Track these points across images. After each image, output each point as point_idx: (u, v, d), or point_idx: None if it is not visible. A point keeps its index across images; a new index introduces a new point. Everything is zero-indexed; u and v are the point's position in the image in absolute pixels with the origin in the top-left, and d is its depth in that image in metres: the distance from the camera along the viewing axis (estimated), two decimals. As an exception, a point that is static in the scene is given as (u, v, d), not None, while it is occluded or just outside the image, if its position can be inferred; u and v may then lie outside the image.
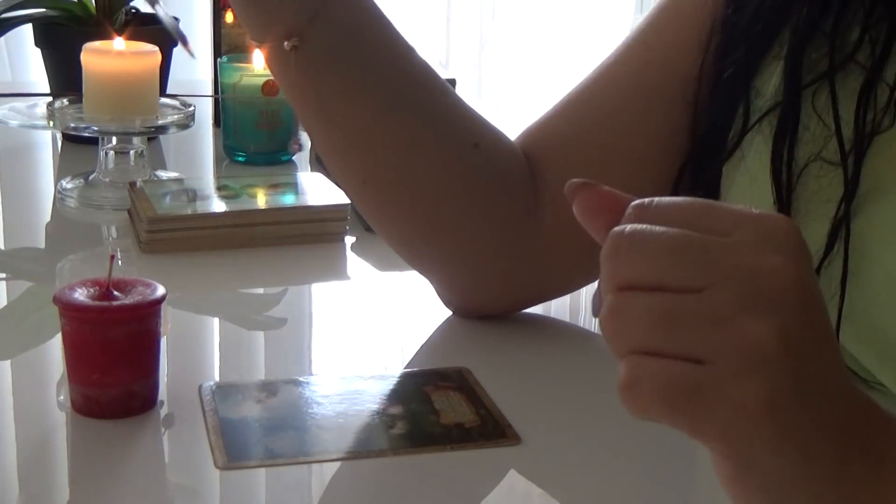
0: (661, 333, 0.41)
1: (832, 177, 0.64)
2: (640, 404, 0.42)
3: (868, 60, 0.64)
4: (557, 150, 0.76)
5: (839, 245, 0.63)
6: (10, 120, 1.19)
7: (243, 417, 0.65)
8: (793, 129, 0.66)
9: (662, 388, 0.41)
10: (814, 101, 0.65)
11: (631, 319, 0.42)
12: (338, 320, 0.84)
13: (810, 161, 0.65)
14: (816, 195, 0.65)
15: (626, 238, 0.42)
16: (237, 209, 0.94)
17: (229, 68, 1.18)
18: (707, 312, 0.41)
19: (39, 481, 0.61)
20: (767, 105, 0.68)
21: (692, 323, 0.41)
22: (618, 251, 0.43)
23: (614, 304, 0.42)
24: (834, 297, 0.64)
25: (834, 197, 0.63)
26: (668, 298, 0.41)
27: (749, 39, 0.69)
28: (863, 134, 0.63)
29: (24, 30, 1.30)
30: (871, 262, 0.62)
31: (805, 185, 0.65)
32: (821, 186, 0.65)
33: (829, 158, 0.64)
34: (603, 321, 0.43)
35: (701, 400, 0.41)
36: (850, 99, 0.64)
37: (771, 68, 0.69)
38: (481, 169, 0.76)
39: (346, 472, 0.61)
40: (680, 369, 0.41)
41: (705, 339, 0.41)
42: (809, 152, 0.65)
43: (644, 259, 0.42)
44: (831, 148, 0.64)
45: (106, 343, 0.63)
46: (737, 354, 0.41)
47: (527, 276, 0.78)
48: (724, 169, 0.70)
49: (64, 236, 1.01)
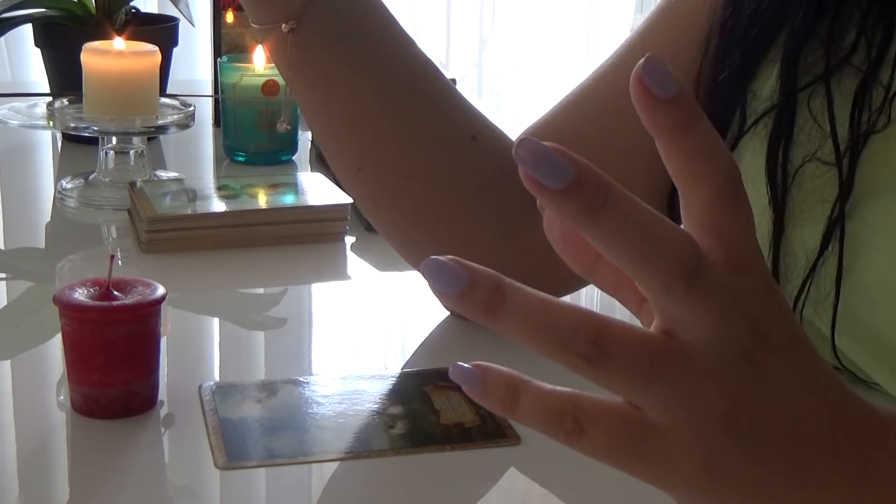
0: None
1: (827, 177, 0.64)
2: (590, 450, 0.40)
3: (864, 63, 0.64)
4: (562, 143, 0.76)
5: (834, 244, 0.63)
6: (10, 120, 1.19)
7: (243, 417, 0.65)
8: (788, 131, 0.66)
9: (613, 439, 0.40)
10: (809, 104, 0.66)
11: None
12: (338, 320, 0.84)
13: (806, 162, 0.65)
14: (812, 195, 0.65)
15: None
16: (237, 209, 0.94)
17: (229, 68, 1.18)
18: None
19: (39, 481, 0.61)
20: (764, 108, 0.68)
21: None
22: None
23: None
24: (829, 296, 0.64)
25: (829, 197, 0.64)
26: None
27: (745, 43, 0.70)
28: (858, 134, 0.63)
29: (24, 30, 1.30)
30: (865, 262, 0.63)
31: (800, 187, 0.66)
32: (816, 187, 0.65)
33: (824, 159, 0.64)
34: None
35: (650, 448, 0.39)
36: (845, 101, 0.64)
37: (767, 71, 0.69)
38: (478, 161, 0.76)
39: (346, 472, 0.61)
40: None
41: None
42: (805, 153, 0.65)
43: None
44: (827, 149, 0.64)
45: (106, 343, 0.63)
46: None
47: (523, 273, 0.77)
48: None
49: (64, 236, 1.01)
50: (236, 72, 1.17)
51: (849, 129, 0.63)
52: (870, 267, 0.62)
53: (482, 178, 0.76)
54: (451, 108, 0.76)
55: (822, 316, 0.65)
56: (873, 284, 0.62)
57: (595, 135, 0.75)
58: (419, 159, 0.75)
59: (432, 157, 0.75)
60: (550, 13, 3.21)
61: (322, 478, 0.61)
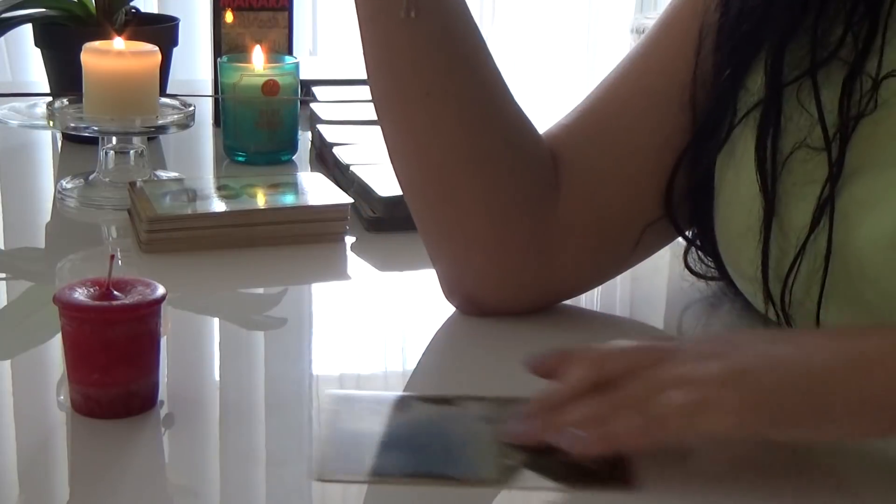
0: None
1: (816, 161, 0.68)
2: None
3: (850, 56, 0.68)
4: (575, 148, 0.79)
5: (825, 220, 0.67)
6: (10, 120, 1.19)
7: (355, 430, 0.63)
8: (776, 121, 0.70)
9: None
10: (798, 95, 0.70)
11: None
12: (338, 320, 0.84)
13: (795, 149, 0.69)
14: (802, 178, 0.69)
15: None
16: (237, 209, 0.94)
17: (229, 68, 1.18)
18: None
19: (39, 481, 0.61)
20: (753, 101, 0.72)
21: None
22: None
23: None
24: (818, 271, 0.68)
25: (819, 178, 0.68)
26: None
27: (734, 39, 0.74)
28: (847, 118, 0.67)
29: (24, 30, 1.30)
30: (854, 236, 0.67)
31: (790, 172, 0.70)
32: (806, 171, 0.69)
33: (813, 145, 0.69)
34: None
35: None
36: (833, 91, 0.68)
37: (759, 66, 0.73)
38: (515, 145, 0.78)
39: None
40: None
41: None
42: (795, 141, 0.70)
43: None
44: (815, 135, 0.68)
45: (106, 343, 0.63)
46: None
47: (537, 268, 0.78)
48: (717, 163, 0.75)
49: (64, 236, 1.01)
50: (236, 72, 1.17)
51: (838, 114, 0.68)
52: (859, 240, 0.66)
53: (511, 160, 0.77)
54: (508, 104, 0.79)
55: (811, 291, 0.69)
56: (862, 256, 0.66)
57: (607, 133, 0.79)
58: (467, 134, 0.76)
59: (477, 134, 0.76)
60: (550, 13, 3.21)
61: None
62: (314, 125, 1.23)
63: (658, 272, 0.89)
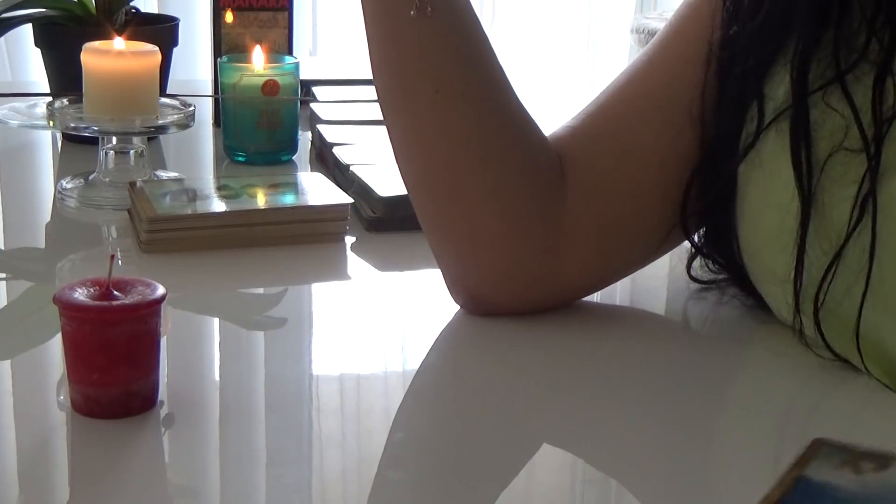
0: None
1: (855, 162, 0.69)
2: None
3: (878, 58, 0.69)
4: (581, 149, 0.80)
5: (867, 218, 0.67)
6: (10, 120, 1.19)
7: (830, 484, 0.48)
8: (805, 127, 0.71)
9: None
10: (826, 99, 0.70)
11: None
12: (338, 320, 0.84)
13: (834, 152, 0.70)
14: (841, 179, 0.69)
15: None
16: (237, 209, 0.94)
17: (229, 68, 1.18)
18: None
19: (39, 481, 0.61)
20: (780, 108, 0.73)
21: None
22: None
23: None
24: (862, 269, 0.68)
25: (856, 179, 0.68)
26: None
27: (753, 48, 0.75)
28: (881, 118, 0.68)
29: (24, 30, 1.30)
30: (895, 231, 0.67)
31: (828, 175, 0.70)
32: (845, 173, 0.69)
33: (850, 147, 0.69)
34: None
35: None
36: (863, 92, 0.69)
37: (780, 75, 0.74)
38: (521, 143, 0.78)
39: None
40: None
41: None
42: (832, 145, 0.70)
43: None
44: (852, 137, 0.69)
45: (106, 343, 0.63)
46: None
47: (543, 268, 0.78)
48: (740, 170, 0.75)
49: (64, 236, 1.01)
50: (236, 72, 1.17)
51: (872, 114, 0.68)
52: None
53: (520, 160, 0.77)
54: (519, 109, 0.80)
55: (852, 291, 0.69)
56: None
57: (612, 141, 0.79)
58: (478, 128, 0.76)
59: (488, 128, 0.77)
60: (550, 13, 3.21)
61: (322, 478, 0.61)
62: (314, 125, 1.23)
63: (660, 270, 0.89)
